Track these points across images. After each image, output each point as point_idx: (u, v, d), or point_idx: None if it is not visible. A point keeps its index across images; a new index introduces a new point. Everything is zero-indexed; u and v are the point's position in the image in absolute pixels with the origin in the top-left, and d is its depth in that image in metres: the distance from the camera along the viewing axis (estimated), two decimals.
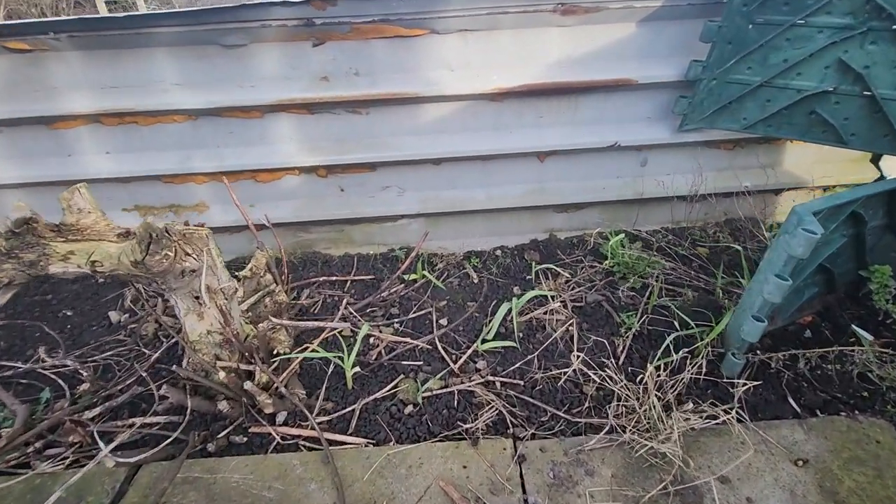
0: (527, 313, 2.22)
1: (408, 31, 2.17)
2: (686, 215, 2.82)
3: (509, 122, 2.48)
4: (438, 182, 2.64)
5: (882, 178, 2.75)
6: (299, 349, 1.94)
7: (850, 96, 2.10)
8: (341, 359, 1.81)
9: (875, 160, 2.77)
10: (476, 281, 2.50)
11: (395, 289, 2.42)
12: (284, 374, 1.78)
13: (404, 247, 2.79)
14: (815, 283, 2.01)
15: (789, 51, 2.11)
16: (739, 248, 2.29)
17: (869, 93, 2.05)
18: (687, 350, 1.82)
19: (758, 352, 1.83)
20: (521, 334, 2.12)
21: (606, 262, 2.51)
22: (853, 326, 1.88)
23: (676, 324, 2.02)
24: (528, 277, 2.48)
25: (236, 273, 1.95)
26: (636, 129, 2.51)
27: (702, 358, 1.78)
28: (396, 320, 2.25)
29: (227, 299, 1.65)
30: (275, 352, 1.81)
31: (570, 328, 2.11)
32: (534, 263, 2.48)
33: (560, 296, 2.29)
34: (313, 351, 1.80)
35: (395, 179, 2.61)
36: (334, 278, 2.52)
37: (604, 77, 2.32)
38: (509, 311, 2.11)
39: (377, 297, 2.33)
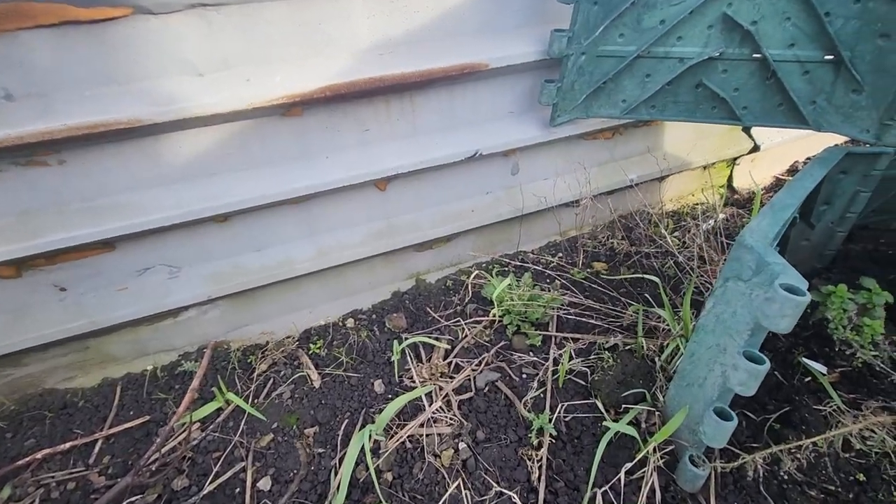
0: (396, 432, 1.46)
1: (87, 13, 1.21)
2: (574, 222, 2.30)
3: (320, 143, 1.65)
4: (233, 245, 1.73)
5: (756, 148, 2.52)
6: None
7: (739, 61, 1.68)
8: None
9: (747, 128, 2.53)
10: (318, 385, 1.67)
11: (180, 437, 1.49)
12: None
13: (203, 346, 1.83)
14: None
15: (666, 8, 1.61)
16: (656, 279, 1.80)
17: (759, 55, 1.63)
18: (629, 462, 1.22)
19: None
20: (390, 476, 1.36)
21: (493, 309, 1.86)
22: (802, 360, 1.46)
23: (600, 405, 1.43)
24: (395, 359, 1.73)
25: None
26: (499, 130, 1.86)
27: (651, 471, 1.20)
28: None
29: None
30: None
31: (461, 446, 1.41)
32: (396, 343, 1.72)
33: (440, 388, 1.58)
34: None
35: (157, 255, 1.64)
36: (70, 445, 1.49)
37: (442, 63, 1.60)
38: (371, 441, 1.33)
39: (142, 471, 1.38)
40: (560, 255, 2.20)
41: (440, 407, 1.51)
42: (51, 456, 1.46)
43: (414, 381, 1.62)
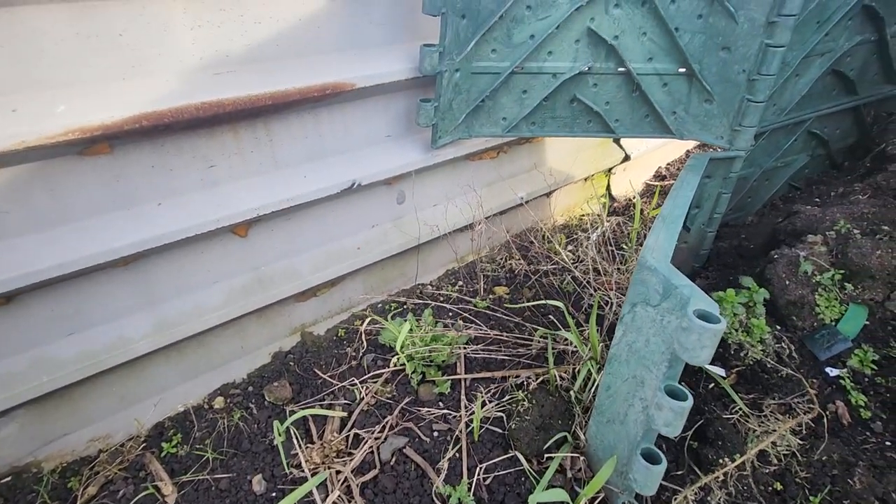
0: None
1: None
2: (470, 247, 2.18)
3: (147, 186, 1.29)
4: (28, 334, 1.26)
5: (627, 157, 2.66)
6: None
7: (607, 75, 1.70)
8: None
9: (618, 139, 2.66)
10: (173, 500, 1.27)
11: None
12: None
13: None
14: None
15: (534, 23, 1.56)
16: (559, 304, 1.69)
17: (623, 69, 1.67)
18: None
19: None
20: None
21: (394, 358, 1.63)
22: (706, 367, 1.46)
23: (521, 458, 1.27)
24: (278, 442, 1.40)
25: None
26: (377, 156, 1.66)
27: None
28: None
29: None
30: None
31: None
32: (277, 424, 1.39)
33: (336, 472, 1.29)
34: None
35: None
36: None
37: (299, 83, 1.36)
38: None
39: None
40: (460, 283, 2.05)
41: (338, 499, 1.23)
42: None
43: (303, 470, 1.31)
